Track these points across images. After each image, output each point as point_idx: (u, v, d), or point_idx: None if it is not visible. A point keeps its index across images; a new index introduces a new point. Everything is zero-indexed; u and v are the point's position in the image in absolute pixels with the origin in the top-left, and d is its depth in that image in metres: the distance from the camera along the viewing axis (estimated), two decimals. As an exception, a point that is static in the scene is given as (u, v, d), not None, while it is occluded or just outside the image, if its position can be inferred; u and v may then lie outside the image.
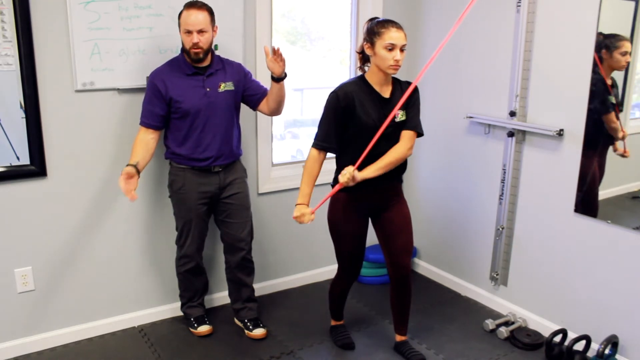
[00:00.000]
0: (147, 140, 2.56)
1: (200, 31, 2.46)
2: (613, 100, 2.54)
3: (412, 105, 2.44)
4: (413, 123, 2.44)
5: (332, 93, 2.41)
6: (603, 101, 2.54)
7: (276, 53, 2.57)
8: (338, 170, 2.50)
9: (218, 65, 2.63)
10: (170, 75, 2.54)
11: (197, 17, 2.45)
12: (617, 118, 2.53)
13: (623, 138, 2.50)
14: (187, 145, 2.59)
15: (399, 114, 2.40)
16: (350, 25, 3.44)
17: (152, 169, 2.83)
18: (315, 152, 2.44)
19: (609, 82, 2.53)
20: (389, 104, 2.41)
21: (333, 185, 2.52)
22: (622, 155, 2.51)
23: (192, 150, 2.58)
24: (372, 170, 2.36)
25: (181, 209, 2.71)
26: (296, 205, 2.41)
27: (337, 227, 2.55)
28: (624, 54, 2.47)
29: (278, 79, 2.63)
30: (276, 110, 2.76)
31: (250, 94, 2.72)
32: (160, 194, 2.85)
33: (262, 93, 2.75)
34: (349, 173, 2.29)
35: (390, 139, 2.42)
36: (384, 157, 2.38)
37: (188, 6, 2.48)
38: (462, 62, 3.16)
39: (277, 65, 2.59)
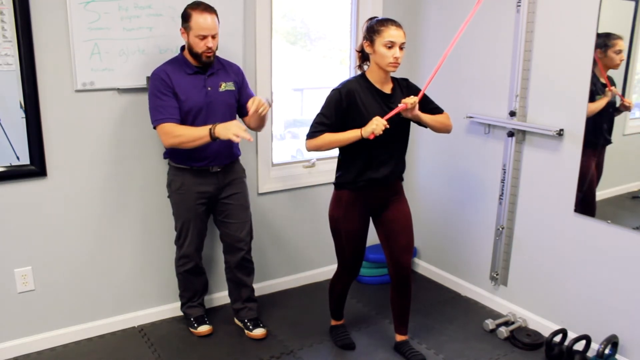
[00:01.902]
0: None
1: (213, 36, 2.47)
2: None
3: (423, 101, 2.48)
4: (438, 108, 2.56)
5: (334, 90, 2.41)
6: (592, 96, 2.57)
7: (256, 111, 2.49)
8: (341, 171, 2.51)
9: (218, 65, 2.63)
10: (173, 73, 2.53)
11: (210, 22, 2.44)
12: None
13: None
14: None
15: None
16: (350, 25, 3.44)
17: (151, 168, 2.84)
18: (314, 138, 2.40)
19: (603, 81, 2.53)
20: (390, 99, 2.43)
21: (336, 185, 2.53)
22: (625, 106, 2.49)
23: (191, 150, 2.58)
24: (430, 119, 2.47)
25: (180, 208, 2.71)
26: (361, 131, 2.31)
27: (338, 224, 2.56)
28: (618, 52, 2.48)
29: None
30: (258, 129, 2.76)
31: (241, 103, 2.72)
32: (160, 193, 2.84)
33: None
34: (412, 100, 2.32)
35: (396, 135, 2.44)
36: (439, 116, 2.52)
37: (201, 10, 2.45)
38: (462, 62, 3.16)
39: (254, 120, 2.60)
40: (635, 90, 2.50)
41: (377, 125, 2.27)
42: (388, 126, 2.29)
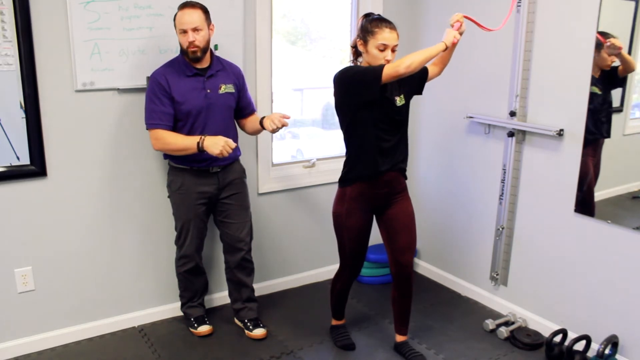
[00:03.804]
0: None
1: (195, 29, 2.46)
2: (597, 90, 2.55)
3: (410, 81, 2.48)
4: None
5: (347, 66, 2.42)
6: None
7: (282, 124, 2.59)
8: (347, 166, 2.51)
9: (218, 66, 2.63)
10: (172, 76, 2.53)
11: (191, 16, 2.45)
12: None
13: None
14: None
15: (397, 99, 2.44)
16: (350, 24, 3.44)
17: (151, 168, 2.84)
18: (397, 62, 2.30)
19: (596, 75, 2.55)
20: (387, 87, 2.42)
21: (341, 182, 2.53)
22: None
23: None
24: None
25: (180, 209, 2.71)
26: (444, 41, 2.33)
27: (341, 220, 2.56)
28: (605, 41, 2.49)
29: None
30: (252, 135, 2.81)
31: (240, 106, 2.73)
32: (160, 193, 2.85)
33: (249, 111, 2.77)
34: (460, 16, 2.35)
35: (396, 125, 2.46)
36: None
37: (181, 7, 2.48)
38: (462, 62, 3.16)
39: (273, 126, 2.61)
40: (635, 90, 2.50)
41: (455, 32, 2.32)
42: (459, 37, 2.35)
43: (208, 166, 2.64)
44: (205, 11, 2.52)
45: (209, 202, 2.72)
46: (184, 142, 2.49)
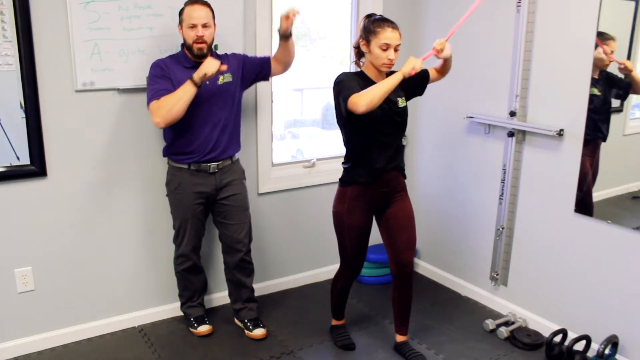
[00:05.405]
0: None
1: (204, 25, 2.48)
2: (596, 91, 2.55)
3: (412, 83, 2.50)
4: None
5: (343, 73, 2.43)
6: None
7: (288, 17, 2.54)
8: (349, 167, 2.51)
9: (216, 58, 2.63)
10: (172, 66, 2.55)
11: (201, 12, 2.47)
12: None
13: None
14: (186, 137, 2.59)
15: (399, 100, 2.45)
16: (350, 25, 3.44)
17: (151, 168, 2.84)
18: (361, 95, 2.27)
19: (595, 75, 2.55)
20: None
21: (342, 182, 2.54)
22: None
23: (190, 142, 2.57)
24: (449, 58, 2.51)
25: (178, 208, 2.71)
26: (402, 71, 2.27)
27: (341, 219, 2.56)
28: (609, 52, 2.49)
29: (283, 36, 2.62)
30: (288, 66, 2.79)
31: (257, 69, 2.73)
32: (160, 193, 2.84)
33: (267, 61, 2.74)
34: (441, 42, 2.35)
35: (397, 126, 2.47)
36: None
37: (191, 2, 2.50)
38: (462, 62, 3.16)
39: (283, 24, 2.57)
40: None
41: (415, 62, 2.27)
42: (419, 68, 2.27)
43: (206, 159, 2.63)
44: (213, 10, 2.54)
45: (207, 202, 2.72)
46: (178, 91, 2.43)
